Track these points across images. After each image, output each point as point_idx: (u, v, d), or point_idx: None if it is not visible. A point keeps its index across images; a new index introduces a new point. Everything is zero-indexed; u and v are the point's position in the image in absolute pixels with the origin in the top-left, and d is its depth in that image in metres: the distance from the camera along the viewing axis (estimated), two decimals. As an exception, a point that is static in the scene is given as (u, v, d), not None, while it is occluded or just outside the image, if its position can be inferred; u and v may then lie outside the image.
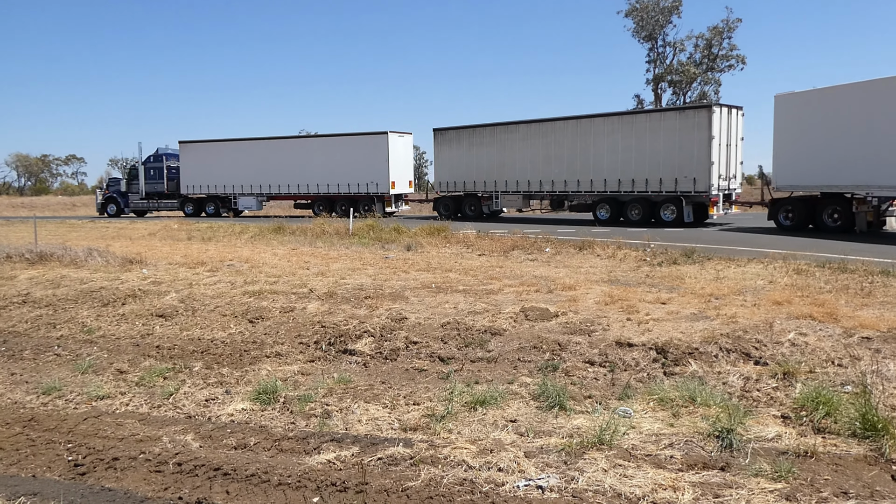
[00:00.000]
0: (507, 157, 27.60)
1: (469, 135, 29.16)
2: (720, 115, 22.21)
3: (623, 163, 23.95)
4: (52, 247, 15.71)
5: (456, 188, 29.75)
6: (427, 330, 8.47)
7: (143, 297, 10.71)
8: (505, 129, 27.83)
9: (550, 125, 26.29)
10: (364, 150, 31.27)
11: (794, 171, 19.57)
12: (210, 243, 19.70)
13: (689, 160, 22.41)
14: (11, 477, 5.44)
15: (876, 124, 17.08)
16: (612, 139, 24.30)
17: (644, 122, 23.81)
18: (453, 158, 29.64)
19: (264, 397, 6.82)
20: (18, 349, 9.11)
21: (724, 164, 22.58)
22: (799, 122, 19.44)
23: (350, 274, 12.18)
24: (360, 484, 4.85)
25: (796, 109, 19.72)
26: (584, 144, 25.13)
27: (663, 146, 23.05)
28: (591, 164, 24.86)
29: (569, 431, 5.54)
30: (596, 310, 8.82)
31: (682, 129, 22.67)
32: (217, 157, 35.13)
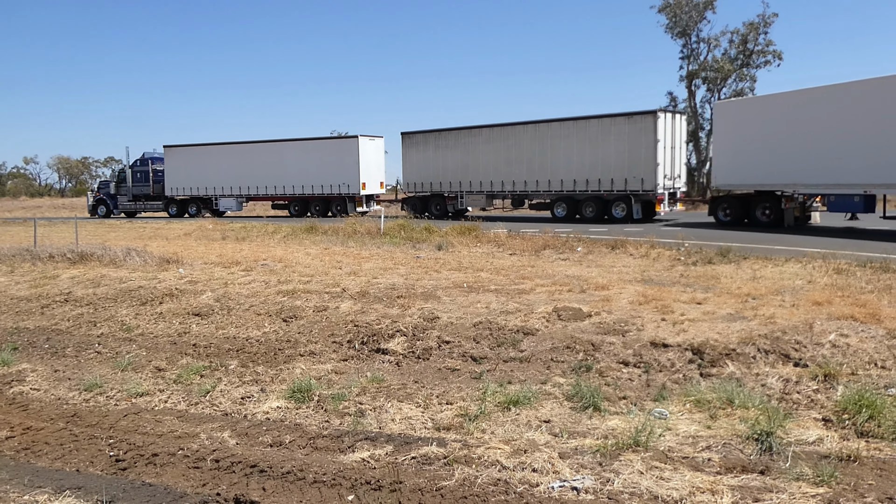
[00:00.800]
0: (471, 160, 29.39)
1: (435, 138, 30.88)
2: (665, 121, 24.20)
3: (578, 164, 25.85)
4: (93, 247, 16.08)
5: (423, 189, 31.31)
6: (459, 329, 8.47)
7: (179, 297, 10.90)
8: (469, 132, 29.65)
9: (511, 129, 28.09)
10: (336, 153, 32.93)
11: (730, 171, 21.48)
12: (244, 243, 19.97)
13: (637, 162, 24.34)
14: (57, 471, 5.59)
15: (802, 130, 19.10)
16: (567, 142, 26.19)
17: (596, 127, 25.57)
18: (421, 160, 31.29)
19: (299, 395, 6.90)
20: (61, 346, 9.34)
21: (668, 165, 24.55)
22: (735, 127, 21.28)
23: (382, 273, 12.24)
24: (394, 483, 4.87)
25: (733, 116, 21.68)
26: (542, 147, 26.97)
27: (614, 149, 24.94)
28: (549, 165, 26.72)
29: (603, 432, 5.49)
30: (630, 310, 8.73)
31: (630, 133, 24.56)
32: (199, 161, 36.81)
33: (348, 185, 32.71)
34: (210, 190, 36.64)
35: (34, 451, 6.14)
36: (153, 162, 38.27)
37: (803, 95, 19.50)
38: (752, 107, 21.65)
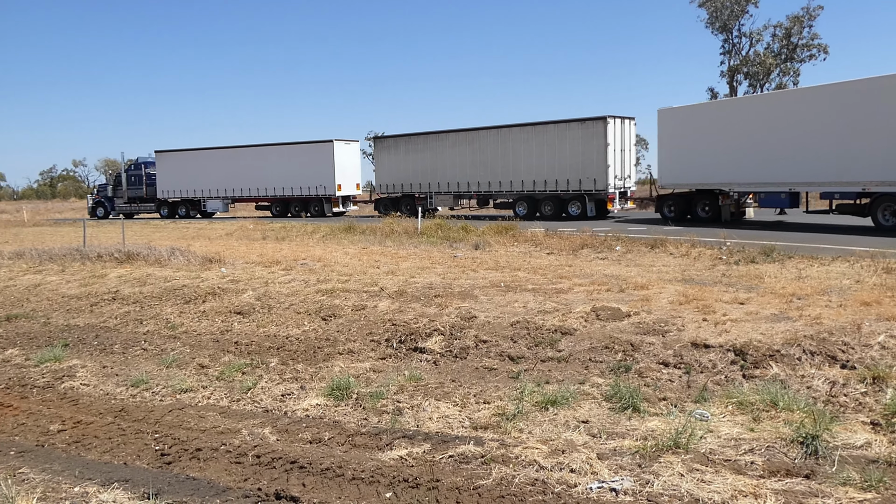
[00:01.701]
0: (439, 162, 31.31)
1: (406, 142, 32.86)
2: (614, 126, 26.17)
3: (537, 166, 27.86)
4: (139, 246, 16.51)
5: (395, 190, 33.15)
6: (497, 329, 8.47)
7: (222, 295, 11.12)
8: (437, 137, 31.61)
9: (476, 133, 30.11)
10: (313, 157, 34.73)
11: (674, 172, 23.44)
12: (284, 243, 20.26)
13: (590, 164, 26.38)
14: (105, 464, 5.76)
15: (736, 135, 21.11)
16: (527, 146, 28.16)
17: (553, 132, 27.50)
18: (392, 163, 33.18)
19: (337, 393, 6.98)
20: (109, 343, 9.63)
21: (619, 167, 26.53)
22: (677, 131, 23.27)
23: (419, 273, 12.30)
24: (431, 481, 4.89)
25: (675, 121, 23.50)
26: (504, 150, 28.95)
27: (569, 152, 26.95)
28: (511, 167, 28.71)
29: (643, 434, 5.43)
30: (670, 310, 8.60)
31: (583, 137, 26.60)
32: (188, 165, 38.93)
33: (325, 187, 34.52)
34: (198, 192, 38.66)
35: (84, 444, 6.34)
36: (146, 166, 40.48)
37: (737, 104, 22.63)
38: (692, 114, 23.39)
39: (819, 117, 18.92)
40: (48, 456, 5.96)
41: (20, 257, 16.26)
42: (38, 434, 6.67)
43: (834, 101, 18.70)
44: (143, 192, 40.37)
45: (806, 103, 19.62)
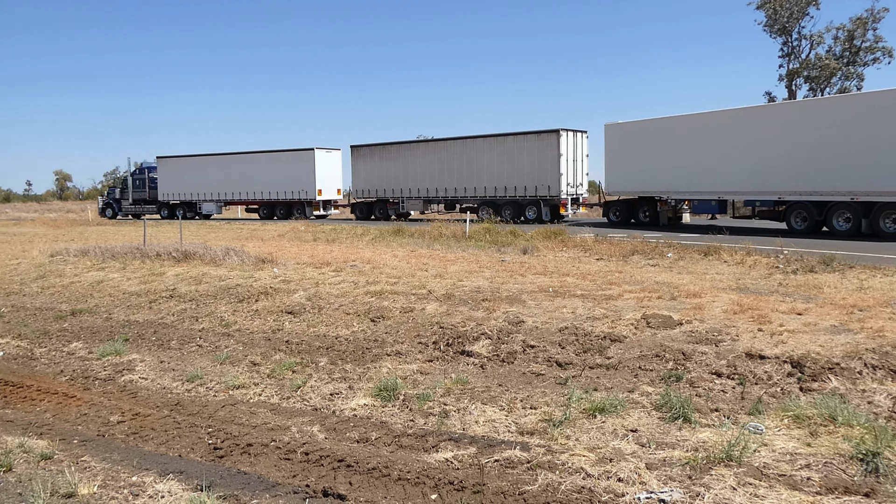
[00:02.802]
0: (410, 170, 33.89)
1: (380, 151, 35.41)
2: (567, 138, 28.86)
3: (498, 174, 30.57)
4: (195, 246, 17.00)
5: (370, 195, 35.82)
6: (544, 334, 8.42)
7: (273, 295, 11.36)
8: (408, 146, 34.52)
9: (444, 143, 32.88)
10: (296, 164, 37.34)
11: (619, 180, 26.10)
12: (334, 245, 20.57)
13: (544, 172, 29.00)
14: (161, 455, 5.95)
15: (673, 148, 23.68)
16: (490, 155, 30.87)
17: (512, 143, 30.19)
18: (367, 170, 35.69)
19: (385, 394, 7.05)
20: (166, 339, 9.94)
21: (571, 175, 29.20)
22: (623, 144, 25.71)
23: (467, 276, 12.32)
24: (477, 484, 4.90)
25: (621, 135, 25.93)
26: (469, 159, 31.63)
27: (527, 161, 29.57)
28: (475, 174, 31.41)
29: (693, 445, 5.32)
30: (723, 319, 8.40)
31: (539, 148, 29.22)
32: (186, 170, 41.95)
33: (306, 192, 37.14)
34: (195, 195, 41.72)
35: (142, 435, 6.56)
36: (149, 171, 43.73)
37: (674, 121, 24.28)
38: (635, 129, 25.75)
39: (742, 135, 21.53)
40: (108, 446, 6.19)
41: (85, 255, 16.93)
42: (100, 424, 6.93)
43: (754, 122, 21.44)
44: (146, 194, 43.63)
45: (731, 123, 22.15)
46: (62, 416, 7.25)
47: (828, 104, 20.47)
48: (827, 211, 19.51)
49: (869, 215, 18.46)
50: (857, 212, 18.80)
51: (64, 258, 16.76)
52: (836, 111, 19.51)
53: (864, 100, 19.35)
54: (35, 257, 17.32)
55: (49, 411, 7.47)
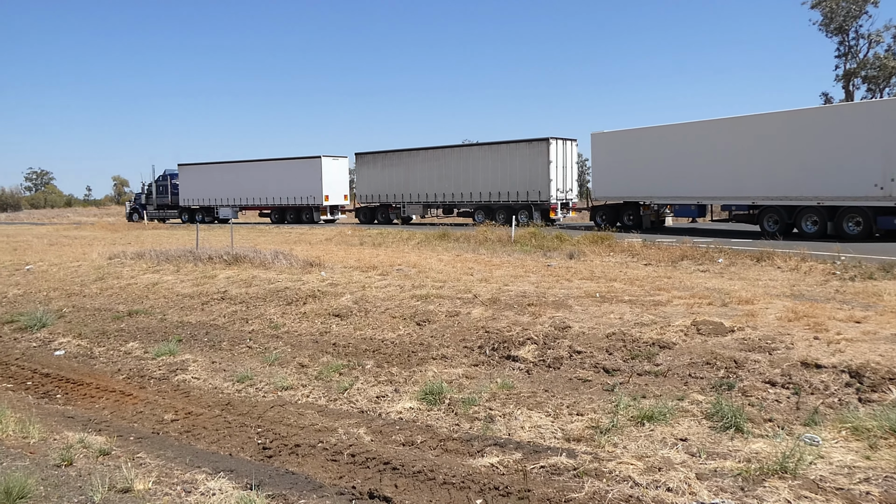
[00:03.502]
0: (410, 176, 35.36)
1: (383, 158, 36.99)
2: (556, 146, 30.24)
3: (492, 180, 32.00)
4: (245, 249, 17.36)
5: (373, 200, 37.38)
6: (591, 340, 8.32)
7: (321, 298, 11.52)
8: (409, 153, 35.74)
9: (442, 151, 34.34)
10: (304, 171, 38.91)
11: (605, 186, 27.59)
12: (380, 248, 20.74)
13: (535, 178, 30.39)
14: (213, 454, 6.10)
15: (656, 156, 25.06)
16: (484, 162, 32.39)
17: (505, 150, 31.69)
18: (371, 176, 37.32)
19: (430, 398, 7.08)
20: (218, 340, 10.18)
21: (561, 181, 30.49)
22: (608, 152, 27.34)
23: (513, 281, 12.27)
24: (522, 490, 4.87)
25: (606, 143, 27.52)
26: (465, 166, 33.08)
27: (519, 168, 30.99)
28: (471, 180, 32.81)
29: (746, 455, 5.19)
30: (777, 326, 8.17)
31: (530, 156, 30.63)
32: (204, 177, 43.95)
33: (314, 197, 38.70)
34: (213, 201, 43.58)
35: (194, 434, 6.74)
36: (172, 177, 45.83)
37: (657, 131, 25.73)
38: (620, 138, 27.22)
39: (719, 145, 22.99)
40: (162, 443, 6.38)
41: (141, 258, 17.48)
42: (154, 422, 7.14)
43: (729, 132, 22.83)
44: (168, 200, 45.95)
45: (709, 133, 23.62)
46: (119, 414, 7.50)
47: (795, 116, 21.46)
48: (796, 214, 20.94)
49: (833, 218, 19.87)
50: (822, 215, 20.19)
51: (121, 261, 17.34)
52: (802, 123, 20.92)
53: (827, 113, 21.19)
54: (94, 260, 17.96)
55: (107, 408, 7.73)
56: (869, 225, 19.16)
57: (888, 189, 18.45)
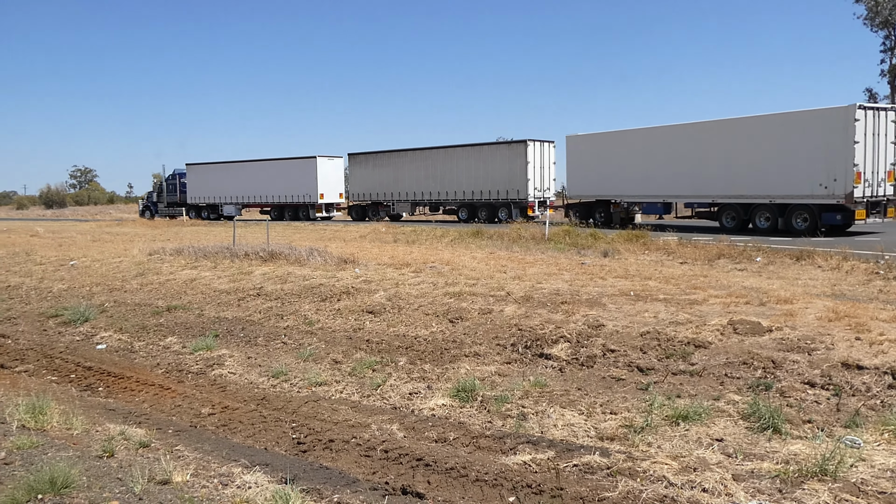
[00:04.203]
0: (399, 175, 37.47)
1: (374, 158, 39.18)
2: (534, 148, 32.46)
3: (475, 179, 34.05)
4: (281, 246, 17.59)
5: (365, 198, 39.48)
6: (625, 338, 8.24)
7: (355, 295, 11.62)
8: (398, 154, 37.92)
9: (428, 152, 36.40)
10: (300, 170, 40.83)
11: (579, 185, 29.41)
12: (413, 246, 20.82)
13: (514, 178, 32.54)
14: (248, 448, 6.21)
15: (625, 158, 26.97)
16: (468, 162, 34.43)
17: (487, 151, 34.04)
18: (362, 176, 39.51)
19: (463, 395, 7.09)
20: (253, 336, 10.34)
21: (538, 181, 32.62)
22: (582, 154, 29.09)
23: (546, 279, 12.21)
24: (555, 489, 4.86)
25: (580, 146, 29.25)
26: (450, 166, 35.08)
27: (499, 168, 33.16)
28: (456, 179, 34.86)
29: (784, 457, 5.09)
30: (817, 326, 7.99)
31: (510, 157, 32.86)
32: (210, 176, 46.10)
33: (309, 196, 40.57)
34: (218, 199, 45.74)
35: (230, 427, 6.86)
36: (181, 177, 47.90)
37: (627, 134, 27.71)
38: (593, 140, 29.07)
39: (682, 148, 24.87)
40: (200, 436, 6.51)
41: (179, 254, 17.83)
42: (192, 416, 7.29)
43: (692, 135, 24.76)
44: (178, 198, 47.95)
45: (674, 137, 25.47)
46: (158, 407, 7.68)
47: (750, 122, 23.13)
48: (751, 211, 23.04)
49: (784, 214, 22.00)
50: (774, 212, 22.37)
51: (161, 257, 17.71)
52: (755, 128, 22.77)
53: (779, 119, 22.39)
54: (135, 256, 18.38)
55: (147, 402, 7.92)
56: (815, 221, 21.13)
57: (831, 188, 20.56)
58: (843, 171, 20.34)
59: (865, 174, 20.44)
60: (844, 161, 20.24)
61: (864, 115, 20.36)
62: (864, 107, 20.46)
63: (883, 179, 21.02)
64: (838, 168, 20.40)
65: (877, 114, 20.83)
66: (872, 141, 20.54)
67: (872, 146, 20.55)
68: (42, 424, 5.98)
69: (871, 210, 20.84)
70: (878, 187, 20.89)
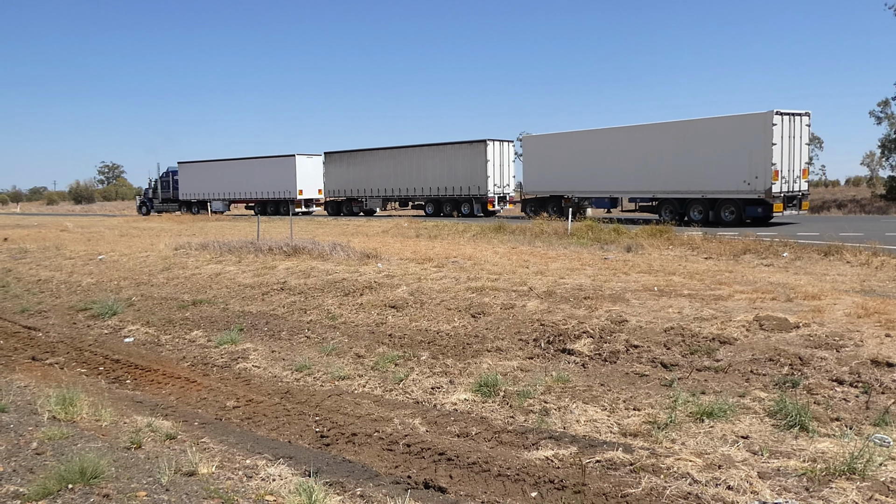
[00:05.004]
0: (371, 173, 40.03)
1: (348, 156, 41.68)
2: (493, 147, 34.85)
3: (440, 176, 36.64)
4: (304, 241, 17.72)
5: (340, 194, 42.11)
6: (649, 334, 8.18)
7: (377, 289, 11.67)
8: (370, 153, 40.45)
9: (397, 151, 38.98)
10: (280, 168, 43.21)
11: (534, 182, 31.99)
12: (436, 241, 20.84)
13: (475, 175, 35.17)
14: (272, 441, 6.27)
15: (576, 156, 29.69)
16: (433, 161, 36.99)
17: (450, 150, 36.24)
18: (337, 173, 41.92)
19: (485, 390, 7.09)
20: (277, 330, 10.43)
21: (498, 177, 35.11)
22: (537, 153, 31.83)
23: (568, 274, 12.15)
24: (578, 484, 4.84)
25: (535, 145, 32.12)
26: (417, 164, 37.74)
27: (461, 165, 35.70)
28: (422, 176, 37.39)
29: (811, 455, 5.02)
30: (846, 322, 7.86)
31: (471, 155, 35.34)
32: (199, 173, 48.44)
33: (289, 192, 42.93)
34: (206, 195, 47.90)
35: (255, 420, 6.94)
36: (173, 174, 50.35)
37: (577, 135, 30.36)
38: (547, 140, 31.79)
39: (627, 148, 27.51)
40: (225, 429, 6.59)
41: (205, 248, 18.04)
42: (217, 409, 7.39)
43: (635, 137, 27.44)
44: (171, 194, 50.39)
45: (620, 138, 28.14)
46: (184, 400, 7.79)
47: (684, 125, 25.95)
48: (686, 205, 25.76)
49: (714, 208, 24.93)
50: (706, 206, 25.30)
51: (186, 251, 17.94)
52: (689, 131, 25.53)
53: (708, 123, 25.14)
54: (161, 250, 18.64)
55: (173, 394, 8.04)
56: (740, 213, 24.15)
57: (753, 185, 23.42)
58: (763, 170, 23.20)
59: (782, 172, 23.32)
60: (764, 161, 23.11)
61: (781, 120, 23.11)
62: (780, 113, 23.08)
63: (798, 176, 23.99)
64: (759, 167, 23.24)
65: (792, 118, 23.51)
66: (789, 143, 23.42)
67: (789, 147, 23.44)
68: (72, 416, 6.10)
69: (788, 203, 23.81)
70: (793, 183, 23.76)
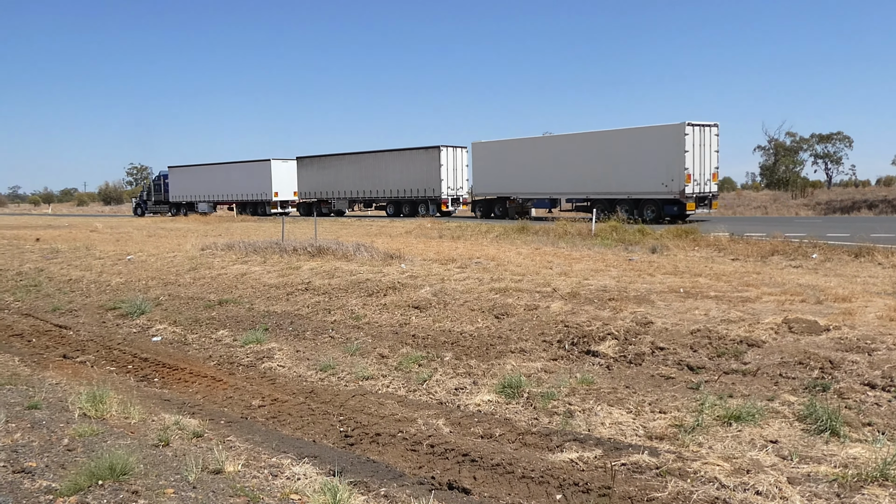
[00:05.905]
0: (338, 176, 42.67)
1: (318, 161, 44.32)
2: (447, 152, 37.39)
3: (399, 179, 39.24)
4: (328, 242, 17.82)
5: (311, 196, 44.68)
6: (674, 336, 8.09)
7: (401, 290, 11.69)
8: (337, 157, 43.19)
9: (362, 156, 41.75)
10: (257, 172, 46.25)
11: (482, 184, 35.05)
12: (459, 241, 20.83)
13: (430, 178, 37.60)
14: (297, 440, 6.32)
15: (519, 161, 32.43)
16: (394, 165, 39.62)
17: (408, 155, 38.90)
18: (309, 177, 44.51)
19: (509, 391, 7.07)
20: (301, 330, 10.51)
21: (452, 181, 37.61)
22: (484, 158, 34.68)
23: (593, 275, 12.07)
24: (603, 487, 4.80)
25: (483, 151, 34.85)
26: (379, 168, 40.34)
27: (418, 169, 38.16)
28: (384, 179, 40.05)
29: (842, 461, 4.92)
30: (878, 325, 7.70)
31: (426, 160, 37.84)
32: (186, 176, 51.73)
33: (265, 194, 45.91)
34: (193, 197, 51.17)
35: (280, 420, 6.99)
36: (164, 178, 53.69)
37: (521, 142, 33.03)
38: (493, 147, 34.40)
39: (564, 154, 30.48)
40: (250, 428, 6.65)
41: (230, 249, 18.24)
42: (243, 408, 7.46)
43: (571, 144, 30.62)
44: (163, 197, 53.56)
45: (557, 145, 31.32)
46: (211, 398, 7.87)
47: (612, 134, 29.03)
48: (615, 205, 27.97)
49: (638, 207, 27.78)
50: (631, 205, 27.95)
51: (212, 252, 18.15)
52: (616, 139, 28.63)
53: (632, 133, 28.17)
54: (188, 251, 18.87)
55: (200, 393, 8.13)
56: (659, 212, 27.35)
57: (670, 187, 26.54)
58: (677, 174, 26.32)
59: (694, 175, 26.52)
60: (678, 166, 26.27)
61: (692, 130, 26.35)
62: (692, 124, 26.26)
63: (708, 180, 27.35)
64: (674, 171, 26.38)
65: (702, 129, 26.73)
66: (700, 150, 26.70)
67: (700, 154, 26.72)
68: (102, 413, 6.20)
69: (700, 203, 27.13)
70: (704, 186, 27.11)
